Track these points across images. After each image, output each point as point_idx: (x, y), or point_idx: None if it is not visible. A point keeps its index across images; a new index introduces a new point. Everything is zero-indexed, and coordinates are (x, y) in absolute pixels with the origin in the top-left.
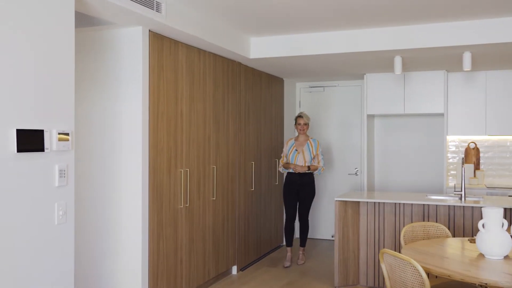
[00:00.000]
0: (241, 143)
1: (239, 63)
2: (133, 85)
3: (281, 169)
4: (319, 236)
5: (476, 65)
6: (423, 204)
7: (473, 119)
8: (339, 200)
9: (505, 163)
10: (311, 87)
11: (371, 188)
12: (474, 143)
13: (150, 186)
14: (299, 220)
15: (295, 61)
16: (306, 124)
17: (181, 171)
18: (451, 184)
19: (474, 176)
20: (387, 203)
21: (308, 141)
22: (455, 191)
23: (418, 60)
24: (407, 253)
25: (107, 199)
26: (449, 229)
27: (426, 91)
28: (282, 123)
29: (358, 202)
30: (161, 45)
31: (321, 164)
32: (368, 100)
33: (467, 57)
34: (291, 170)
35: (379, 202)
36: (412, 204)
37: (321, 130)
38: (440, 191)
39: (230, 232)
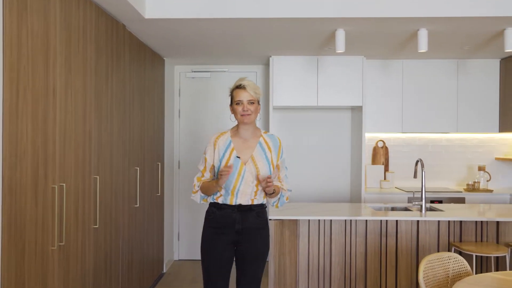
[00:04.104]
0: (125, 141)
1: (123, 27)
2: None
3: (197, 197)
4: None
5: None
6: (380, 220)
7: (388, 114)
8: (275, 219)
9: (414, 163)
10: (194, 71)
11: None
12: (383, 141)
13: (4, 219)
14: None
15: (203, 26)
16: (254, 103)
17: (53, 187)
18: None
19: (385, 178)
20: (334, 220)
21: (262, 138)
22: (414, 201)
23: (361, 37)
24: None
25: None
26: (411, 248)
27: (343, 80)
28: (163, 117)
29: (297, 220)
30: None
31: (285, 185)
32: (275, 89)
33: (423, 35)
34: (220, 199)
35: (324, 220)
36: (366, 220)
37: (205, 127)
38: (355, 198)
39: (113, 271)
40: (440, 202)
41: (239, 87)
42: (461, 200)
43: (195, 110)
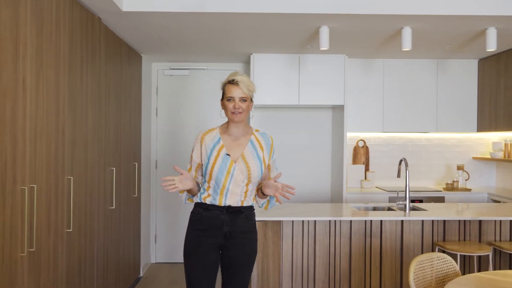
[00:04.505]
0: (101, 140)
1: (99, 20)
2: None
3: (183, 197)
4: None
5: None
6: (365, 220)
7: (369, 114)
8: (258, 221)
9: (395, 163)
10: (172, 68)
11: None
12: (363, 141)
13: None
14: None
15: (183, 21)
16: (246, 100)
17: (23, 189)
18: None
19: (365, 178)
20: (319, 220)
21: (253, 137)
22: (397, 201)
23: (345, 34)
24: None
25: None
26: (395, 249)
27: (325, 79)
28: (140, 115)
29: (280, 221)
30: None
31: None
32: (256, 87)
33: (407, 33)
34: (208, 199)
35: (308, 220)
36: (351, 220)
37: (183, 126)
38: (336, 198)
39: (88, 276)
40: (421, 201)
41: (231, 82)
42: (440, 199)
43: (173, 109)
